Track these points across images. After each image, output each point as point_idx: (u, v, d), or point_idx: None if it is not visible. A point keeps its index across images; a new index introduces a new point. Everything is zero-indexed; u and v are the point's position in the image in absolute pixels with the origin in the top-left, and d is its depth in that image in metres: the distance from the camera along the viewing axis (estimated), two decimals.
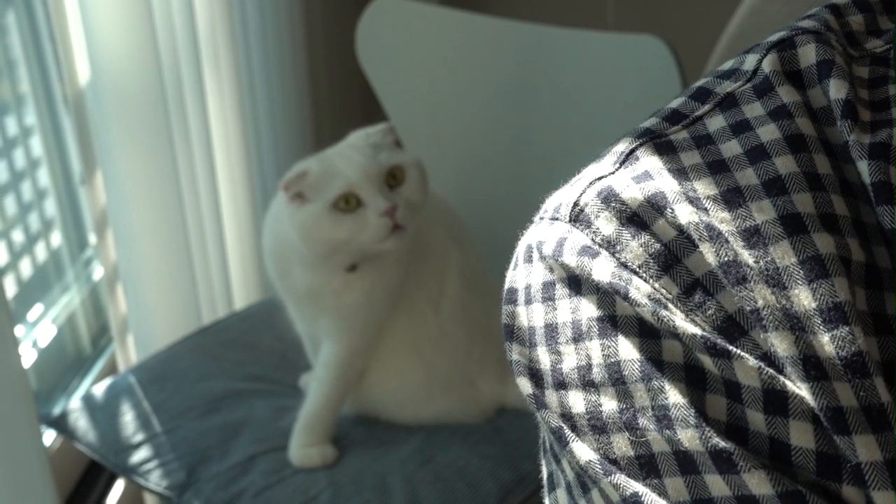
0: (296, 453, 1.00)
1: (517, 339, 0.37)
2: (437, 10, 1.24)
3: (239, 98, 1.37)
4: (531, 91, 1.18)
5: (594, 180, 0.36)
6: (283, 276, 1.02)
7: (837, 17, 0.37)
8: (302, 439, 1.01)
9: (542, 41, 1.14)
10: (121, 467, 1.03)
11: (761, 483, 0.30)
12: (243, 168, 1.41)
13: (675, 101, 0.38)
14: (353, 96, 1.94)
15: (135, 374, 1.14)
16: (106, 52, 1.12)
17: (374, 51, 1.27)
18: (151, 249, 1.25)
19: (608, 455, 0.33)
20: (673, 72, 1.02)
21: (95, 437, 1.06)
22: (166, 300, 1.30)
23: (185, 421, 1.06)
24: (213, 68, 1.30)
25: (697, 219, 0.33)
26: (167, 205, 1.24)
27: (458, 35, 1.22)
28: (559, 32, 1.13)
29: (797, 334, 0.31)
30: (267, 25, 1.45)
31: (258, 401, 1.10)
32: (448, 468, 0.99)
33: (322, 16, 1.74)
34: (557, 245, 0.35)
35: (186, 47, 1.21)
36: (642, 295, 0.32)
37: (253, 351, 1.19)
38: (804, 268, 0.31)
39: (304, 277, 1.00)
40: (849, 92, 0.34)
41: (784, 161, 0.33)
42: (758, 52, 0.37)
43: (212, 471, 1.00)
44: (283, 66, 1.51)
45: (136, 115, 1.17)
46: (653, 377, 0.32)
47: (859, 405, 0.30)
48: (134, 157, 1.19)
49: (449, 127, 1.29)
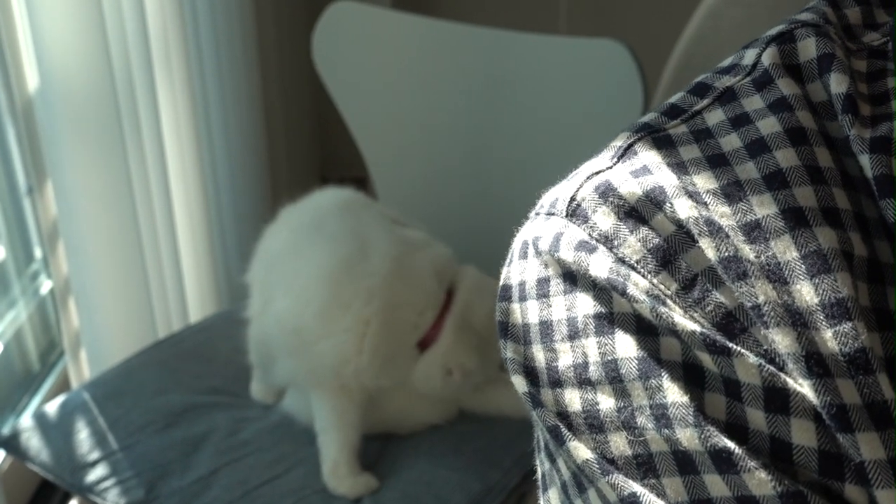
0: (339, 486, 0.98)
1: (511, 337, 0.36)
2: (395, 14, 1.23)
3: (192, 104, 1.35)
4: (492, 96, 1.18)
5: (591, 175, 0.35)
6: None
7: (835, 10, 0.37)
8: (341, 471, 0.98)
9: (502, 46, 1.14)
10: (77, 486, 1.00)
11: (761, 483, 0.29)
12: (197, 175, 1.39)
13: (675, 97, 0.37)
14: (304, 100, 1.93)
15: (89, 390, 1.10)
16: (55, 58, 1.09)
17: (330, 56, 1.25)
18: (104, 261, 1.22)
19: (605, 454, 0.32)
20: (634, 76, 1.02)
21: (49, 456, 1.03)
22: (120, 313, 1.27)
23: (144, 436, 1.03)
24: (166, 74, 1.28)
25: (697, 213, 0.32)
26: (120, 215, 1.21)
27: (417, 40, 1.21)
28: (520, 37, 1.13)
29: (799, 330, 0.30)
30: (219, 31, 1.43)
31: (218, 413, 1.07)
32: (414, 484, 0.98)
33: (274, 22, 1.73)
34: (554, 240, 0.35)
35: (138, 53, 1.18)
36: (640, 291, 0.32)
37: (211, 363, 1.16)
38: (806, 262, 0.31)
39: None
40: (849, 86, 0.34)
41: (785, 154, 0.33)
42: (757, 47, 0.37)
43: (172, 486, 0.97)
44: (236, 72, 1.49)
45: (88, 122, 1.14)
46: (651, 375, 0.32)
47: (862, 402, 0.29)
48: (85, 166, 1.16)
49: (408, 132, 1.28)
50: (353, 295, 0.96)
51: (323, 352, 0.97)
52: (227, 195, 1.51)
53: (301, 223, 1.05)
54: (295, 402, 1.07)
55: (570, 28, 2.04)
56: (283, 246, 1.04)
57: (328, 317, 0.97)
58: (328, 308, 0.97)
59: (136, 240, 1.24)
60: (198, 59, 1.38)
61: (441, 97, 1.23)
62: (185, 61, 1.31)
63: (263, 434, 1.05)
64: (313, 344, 0.97)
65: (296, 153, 1.93)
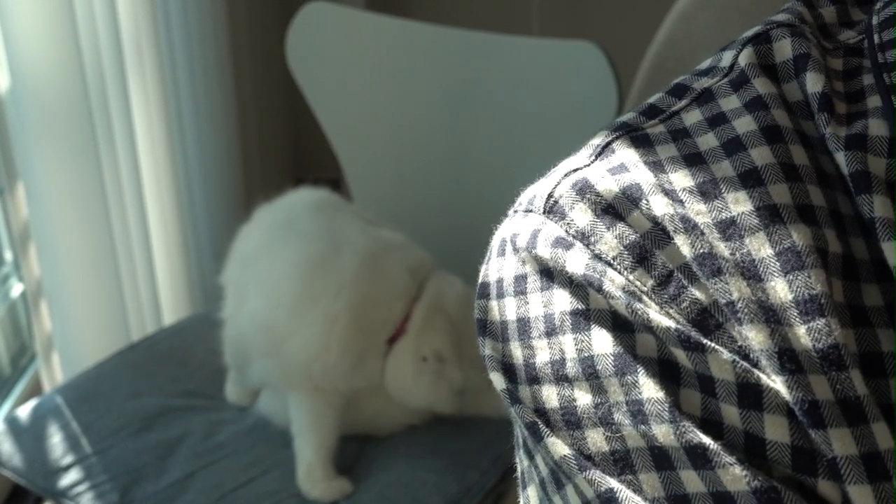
0: (312, 489, 0.97)
1: (490, 334, 0.36)
2: (369, 15, 1.23)
3: (164, 105, 1.34)
4: (466, 97, 1.18)
5: (569, 172, 0.35)
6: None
7: (810, 10, 0.37)
8: (316, 475, 0.98)
9: (476, 47, 1.14)
10: (50, 491, 0.99)
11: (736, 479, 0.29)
12: (170, 177, 1.38)
13: (653, 97, 0.38)
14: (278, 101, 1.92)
15: (62, 394, 1.09)
16: (26, 58, 1.08)
17: (304, 56, 1.25)
18: (77, 263, 1.21)
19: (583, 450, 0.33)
20: (608, 77, 1.03)
21: (21, 460, 1.01)
22: (93, 316, 1.25)
23: (118, 440, 1.02)
24: (138, 74, 1.27)
25: (673, 210, 0.33)
26: (92, 217, 1.20)
27: (391, 41, 1.21)
28: (494, 38, 1.13)
29: (773, 327, 0.30)
30: (191, 31, 1.42)
31: (194, 416, 1.07)
32: (392, 486, 0.98)
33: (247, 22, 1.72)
34: (531, 237, 0.35)
35: (110, 53, 1.17)
36: (616, 287, 0.32)
37: (186, 366, 1.16)
38: (780, 259, 0.31)
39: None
40: (825, 85, 0.34)
41: (760, 152, 0.33)
42: (734, 48, 0.37)
43: (147, 490, 0.96)
44: (209, 73, 1.48)
45: (59, 123, 1.12)
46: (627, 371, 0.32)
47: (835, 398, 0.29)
48: (57, 167, 1.14)
49: (382, 133, 1.28)
50: (323, 290, 0.95)
51: (293, 350, 0.96)
52: (200, 196, 1.50)
53: (274, 222, 1.04)
54: (270, 404, 1.06)
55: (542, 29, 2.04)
56: (257, 245, 1.04)
57: (298, 312, 0.96)
58: (298, 304, 0.96)
59: (108, 241, 1.23)
60: (170, 59, 1.37)
61: (415, 98, 1.23)
62: (157, 61, 1.30)
63: (239, 437, 1.04)
64: (284, 342, 0.97)
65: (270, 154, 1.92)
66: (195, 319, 1.26)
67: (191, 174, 1.48)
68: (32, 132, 1.12)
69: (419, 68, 1.21)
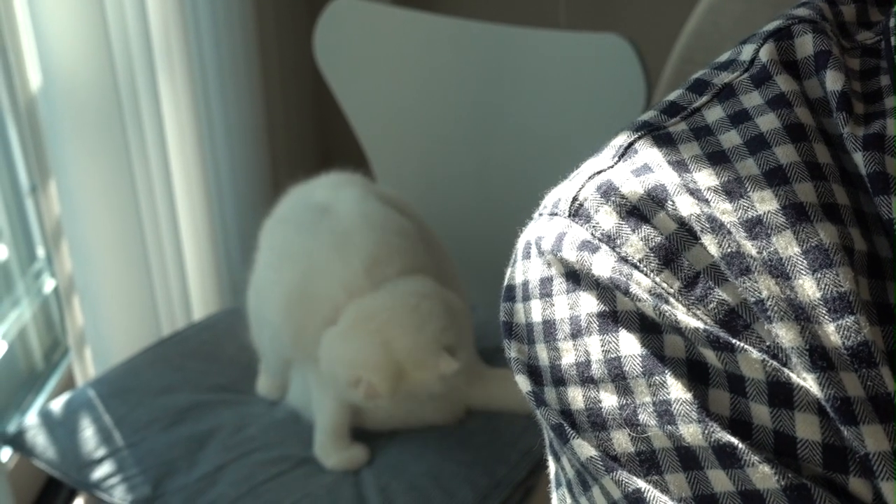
0: (328, 458, 0.99)
1: (515, 337, 0.36)
2: (396, 10, 1.23)
3: (194, 102, 1.35)
4: (494, 91, 1.18)
5: (593, 174, 0.35)
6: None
7: (831, 6, 0.37)
8: (329, 443, 1.00)
9: (504, 41, 1.14)
10: (83, 483, 1.00)
11: (765, 477, 0.29)
12: (199, 173, 1.39)
13: (673, 94, 0.38)
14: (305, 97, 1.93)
15: (94, 388, 1.11)
16: (58, 57, 1.09)
17: (332, 53, 1.26)
18: (108, 259, 1.22)
19: (609, 451, 0.33)
20: (637, 71, 1.02)
21: (55, 453, 1.03)
22: (124, 311, 1.27)
23: (149, 433, 1.03)
24: (168, 72, 1.28)
25: (699, 210, 0.33)
26: (123, 213, 1.21)
27: (418, 36, 1.21)
28: (521, 32, 1.13)
29: (802, 324, 0.30)
30: (220, 28, 1.43)
31: (224, 410, 1.08)
32: (422, 476, 0.98)
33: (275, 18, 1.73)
34: (556, 240, 0.35)
35: (140, 52, 1.18)
36: (643, 289, 0.32)
37: (216, 361, 1.17)
38: (808, 257, 0.31)
39: None
40: (844, 83, 0.34)
41: (785, 150, 0.33)
42: (755, 42, 0.37)
43: (179, 483, 0.97)
44: (237, 70, 1.49)
45: (91, 121, 1.14)
46: (654, 372, 0.32)
47: (866, 395, 0.29)
48: (88, 164, 1.16)
49: (410, 127, 1.28)
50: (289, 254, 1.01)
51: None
52: (229, 193, 1.51)
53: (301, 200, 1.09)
54: (299, 397, 1.07)
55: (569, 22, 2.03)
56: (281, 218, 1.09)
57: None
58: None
59: (139, 237, 1.25)
60: (199, 56, 1.38)
61: (442, 93, 1.23)
62: (186, 58, 1.31)
63: (269, 430, 1.05)
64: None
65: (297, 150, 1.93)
66: (225, 314, 1.28)
67: (220, 171, 1.49)
68: (64, 130, 1.13)
69: (446, 63, 1.21)
